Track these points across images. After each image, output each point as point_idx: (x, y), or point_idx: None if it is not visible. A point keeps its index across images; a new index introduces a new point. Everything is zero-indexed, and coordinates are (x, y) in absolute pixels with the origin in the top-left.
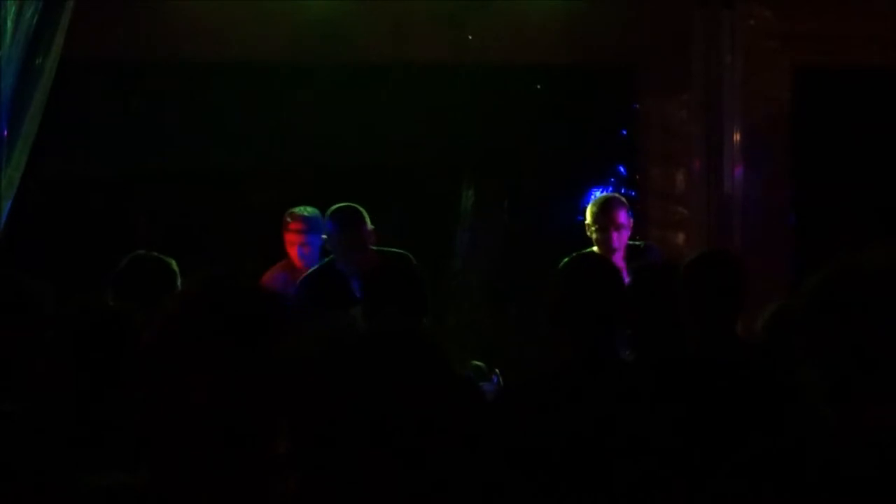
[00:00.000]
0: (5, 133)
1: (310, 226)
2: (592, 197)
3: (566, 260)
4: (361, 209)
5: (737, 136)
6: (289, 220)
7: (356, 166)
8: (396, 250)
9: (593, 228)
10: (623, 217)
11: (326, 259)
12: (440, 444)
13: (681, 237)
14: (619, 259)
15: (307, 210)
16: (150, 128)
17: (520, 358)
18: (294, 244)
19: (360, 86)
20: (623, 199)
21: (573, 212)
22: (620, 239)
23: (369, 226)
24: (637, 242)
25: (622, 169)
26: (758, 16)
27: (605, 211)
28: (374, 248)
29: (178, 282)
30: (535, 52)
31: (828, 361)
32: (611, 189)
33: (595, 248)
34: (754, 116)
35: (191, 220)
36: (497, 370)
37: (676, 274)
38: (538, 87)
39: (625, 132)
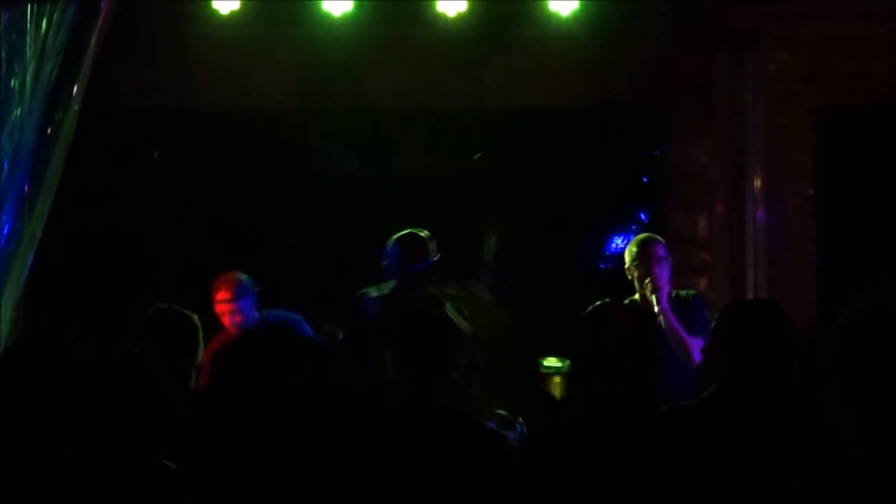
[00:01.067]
0: (27, 188)
1: (237, 293)
2: (614, 243)
3: (590, 309)
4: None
5: (759, 179)
6: (215, 289)
7: (381, 212)
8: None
9: (633, 266)
10: (662, 251)
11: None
12: None
13: (703, 282)
14: (664, 300)
15: (234, 276)
16: (168, 177)
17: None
18: (224, 314)
19: (377, 132)
20: (659, 237)
21: (595, 258)
22: (662, 274)
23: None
24: (682, 291)
25: (643, 214)
26: (779, 58)
27: (643, 246)
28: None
29: (201, 336)
30: (554, 96)
31: (857, 404)
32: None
33: (636, 296)
34: (777, 158)
35: (212, 267)
36: (521, 419)
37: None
38: (558, 131)
39: (646, 178)
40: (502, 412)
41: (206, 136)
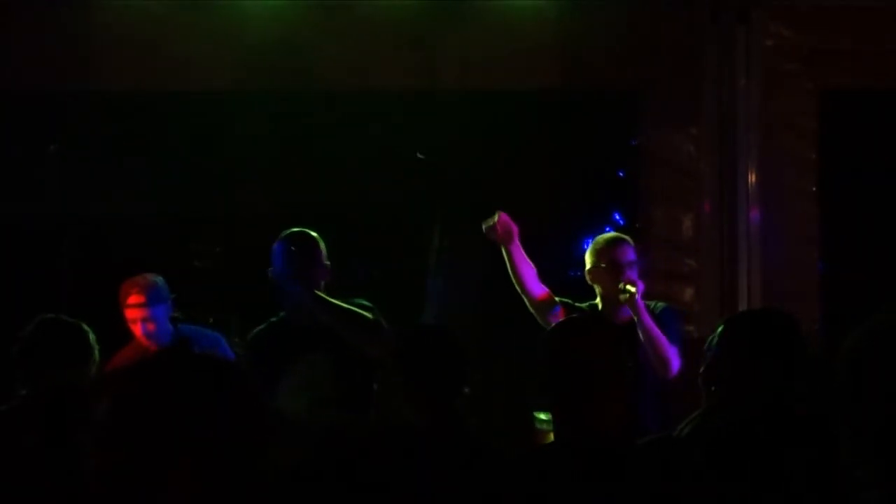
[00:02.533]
0: None
1: (151, 297)
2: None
3: (554, 326)
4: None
5: (753, 174)
6: (125, 292)
7: (316, 205)
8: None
9: (600, 268)
10: (632, 254)
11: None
12: None
13: (689, 292)
14: (640, 302)
15: (147, 278)
16: (71, 168)
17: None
18: (135, 321)
19: (322, 115)
20: (628, 238)
21: (564, 263)
22: (633, 279)
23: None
24: (650, 303)
25: (618, 214)
26: (776, 33)
27: (611, 246)
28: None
29: (95, 351)
30: (518, 75)
31: (874, 443)
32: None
33: (597, 301)
34: (774, 149)
35: (118, 272)
36: None
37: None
38: (522, 115)
39: (623, 172)
40: None
41: (115, 121)
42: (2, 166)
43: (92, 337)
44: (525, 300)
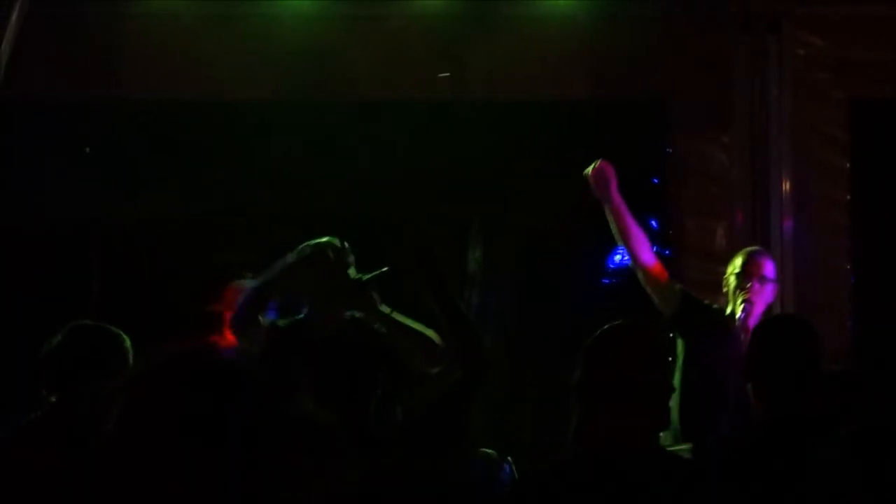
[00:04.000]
0: None
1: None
2: (618, 255)
3: (596, 334)
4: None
5: (786, 183)
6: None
7: (345, 215)
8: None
9: (733, 276)
10: (770, 270)
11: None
12: None
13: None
14: (753, 322)
15: None
16: (118, 172)
17: (537, 442)
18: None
19: (350, 126)
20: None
21: (596, 273)
22: (763, 294)
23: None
24: None
25: (653, 222)
26: (808, 43)
27: (753, 258)
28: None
29: (130, 356)
30: (549, 85)
31: None
32: None
33: (731, 307)
34: (806, 159)
35: (154, 275)
36: (509, 458)
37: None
38: (551, 125)
39: (656, 179)
40: (488, 451)
41: (141, 128)
42: (32, 174)
43: (127, 343)
44: (637, 272)
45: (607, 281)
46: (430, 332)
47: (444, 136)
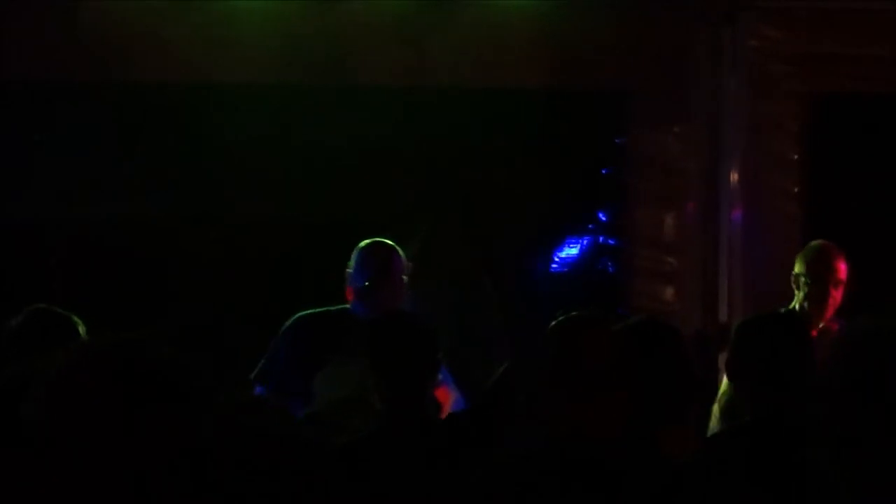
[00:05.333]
0: None
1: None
2: (568, 245)
3: (558, 320)
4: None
5: (734, 174)
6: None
7: (299, 203)
8: None
9: (804, 279)
10: (843, 272)
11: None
12: None
13: (670, 291)
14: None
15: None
16: (80, 160)
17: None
18: None
19: (310, 113)
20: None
21: (546, 262)
22: (836, 298)
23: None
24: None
25: (602, 213)
26: (762, 35)
27: (825, 258)
28: None
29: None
30: (504, 74)
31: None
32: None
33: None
34: (758, 150)
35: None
36: None
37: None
38: (509, 113)
39: (607, 170)
40: None
41: (106, 112)
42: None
43: (82, 329)
44: None
45: (555, 268)
46: None
47: (400, 123)
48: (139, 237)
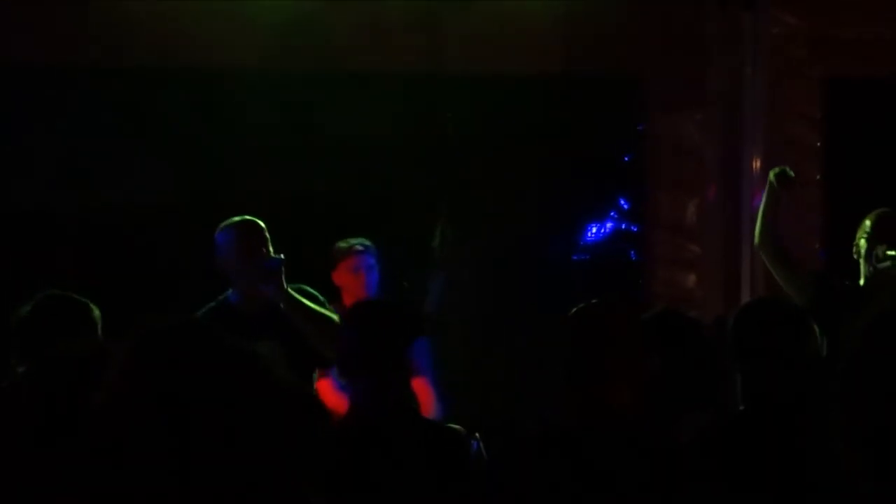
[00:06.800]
0: None
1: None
2: (590, 232)
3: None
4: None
5: (758, 160)
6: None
7: (313, 189)
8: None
9: (863, 241)
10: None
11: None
12: None
13: (692, 278)
14: None
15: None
16: (85, 142)
17: (507, 419)
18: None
19: (312, 96)
20: None
21: (567, 249)
22: None
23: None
24: None
25: (623, 199)
26: (783, 20)
27: (883, 223)
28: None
29: (98, 326)
30: (521, 60)
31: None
32: (613, 222)
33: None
34: (779, 136)
35: (126, 254)
36: (477, 435)
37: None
38: (527, 99)
39: (628, 157)
40: (455, 426)
41: (107, 97)
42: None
43: (96, 313)
44: (765, 257)
45: (577, 258)
46: (329, 313)
47: (417, 108)
48: (146, 222)
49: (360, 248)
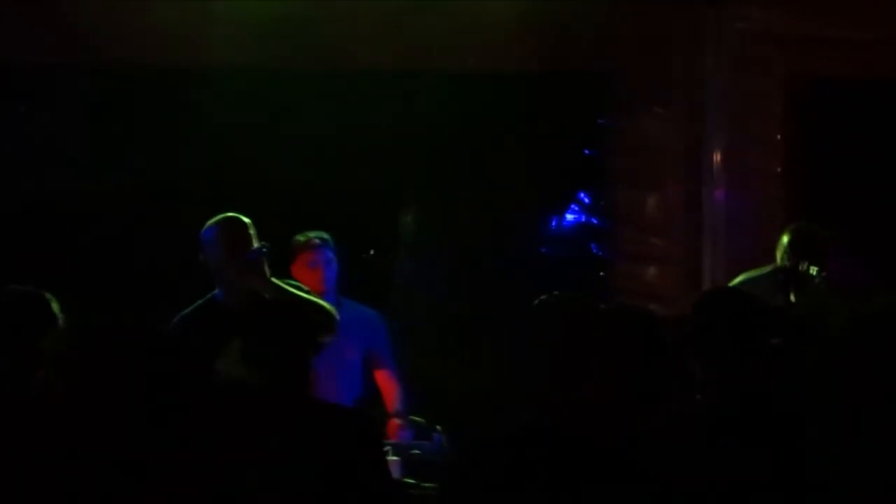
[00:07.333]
0: None
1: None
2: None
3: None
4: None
5: (718, 155)
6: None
7: (287, 182)
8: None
9: (804, 266)
10: None
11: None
12: None
13: (652, 272)
14: None
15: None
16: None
17: (469, 410)
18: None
19: (298, 95)
20: None
21: (531, 242)
22: None
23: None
24: None
25: (584, 193)
26: (747, 17)
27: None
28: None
29: (58, 320)
30: (487, 56)
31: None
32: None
33: None
34: (741, 131)
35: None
36: (439, 427)
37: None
38: (493, 95)
39: (589, 151)
40: (418, 419)
41: (92, 95)
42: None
43: (55, 306)
44: None
45: (543, 249)
46: (317, 300)
47: (384, 105)
48: (123, 217)
49: (317, 241)
